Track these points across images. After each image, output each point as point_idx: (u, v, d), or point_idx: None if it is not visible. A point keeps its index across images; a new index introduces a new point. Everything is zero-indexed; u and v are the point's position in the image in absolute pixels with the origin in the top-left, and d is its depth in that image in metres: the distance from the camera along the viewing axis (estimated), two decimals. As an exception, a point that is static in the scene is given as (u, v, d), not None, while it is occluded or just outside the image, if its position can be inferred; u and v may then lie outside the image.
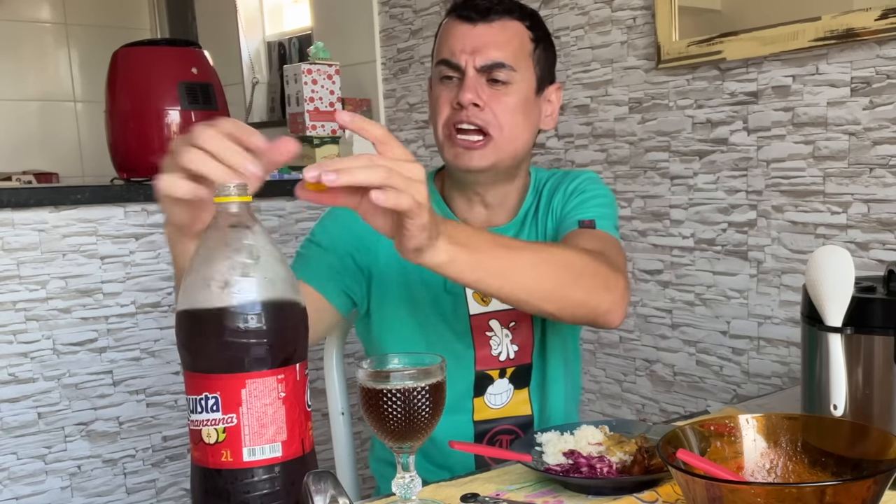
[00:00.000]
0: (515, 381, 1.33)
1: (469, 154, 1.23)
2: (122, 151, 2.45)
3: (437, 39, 1.29)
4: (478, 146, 1.22)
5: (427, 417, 0.88)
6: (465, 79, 1.22)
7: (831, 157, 1.67)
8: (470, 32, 1.23)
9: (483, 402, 1.31)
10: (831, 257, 0.99)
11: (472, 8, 1.23)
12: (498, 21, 1.23)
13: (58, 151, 3.92)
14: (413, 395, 0.87)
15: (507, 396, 1.32)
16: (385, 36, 2.82)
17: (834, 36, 1.60)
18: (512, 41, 1.24)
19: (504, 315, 1.30)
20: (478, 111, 1.21)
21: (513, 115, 1.23)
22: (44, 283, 2.10)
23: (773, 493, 0.73)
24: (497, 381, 1.32)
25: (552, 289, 1.05)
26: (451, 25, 1.25)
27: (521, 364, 1.32)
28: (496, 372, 1.31)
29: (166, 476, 2.32)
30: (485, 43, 1.22)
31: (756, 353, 1.85)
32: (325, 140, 2.75)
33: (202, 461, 0.79)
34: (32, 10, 4.00)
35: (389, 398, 0.87)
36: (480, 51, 1.22)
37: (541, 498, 0.98)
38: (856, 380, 0.99)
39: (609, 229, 1.27)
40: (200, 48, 2.61)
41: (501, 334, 1.31)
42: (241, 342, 0.76)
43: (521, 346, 1.32)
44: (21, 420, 2.09)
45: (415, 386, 0.87)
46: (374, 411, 0.88)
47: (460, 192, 1.32)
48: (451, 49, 1.23)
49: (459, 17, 1.24)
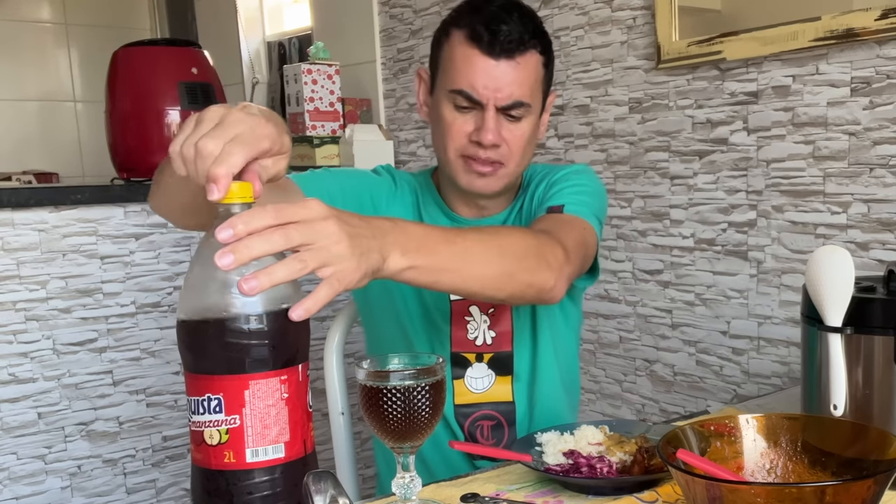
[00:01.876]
0: (496, 368, 1.36)
1: (484, 181, 1.28)
2: (122, 151, 2.45)
3: (450, 62, 1.25)
4: (490, 173, 1.27)
5: (427, 417, 0.89)
6: (486, 118, 1.23)
7: (831, 157, 1.67)
8: (494, 70, 1.21)
9: (464, 385, 1.35)
10: (831, 257, 0.99)
11: (496, 44, 1.21)
12: (520, 56, 1.22)
13: (58, 151, 3.92)
14: (413, 394, 0.87)
15: (488, 381, 1.35)
16: (385, 36, 2.82)
17: (834, 36, 1.60)
18: (530, 77, 1.25)
19: (483, 303, 1.33)
20: (496, 149, 1.25)
21: (525, 144, 1.27)
22: (44, 283, 2.10)
23: (773, 493, 0.73)
24: (475, 365, 1.35)
25: (499, 276, 1.04)
26: (472, 56, 1.22)
27: (500, 351, 1.35)
28: (472, 356, 1.35)
29: (166, 476, 2.32)
30: (508, 82, 1.22)
31: (756, 353, 1.85)
32: (325, 140, 2.75)
33: (204, 462, 0.79)
34: (32, 10, 4.00)
35: (389, 397, 0.87)
36: (502, 90, 1.22)
37: (541, 498, 0.98)
38: (856, 380, 0.99)
39: (582, 214, 1.25)
40: (200, 48, 2.61)
41: (480, 320, 1.35)
42: (245, 343, 0.76)
43: (499, 333, 1.35)
44: (21, 420, 2.10)
45: (415, 385, 0.87)
46: (375, 411, 0.88)
47: (460, 196, 1.36)
48: (472, 83, 1.22)
49: (481, 50, 1.21)
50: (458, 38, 1.24)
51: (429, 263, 0.94)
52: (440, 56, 1.29)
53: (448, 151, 1.27)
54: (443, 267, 0.97)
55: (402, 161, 2.78)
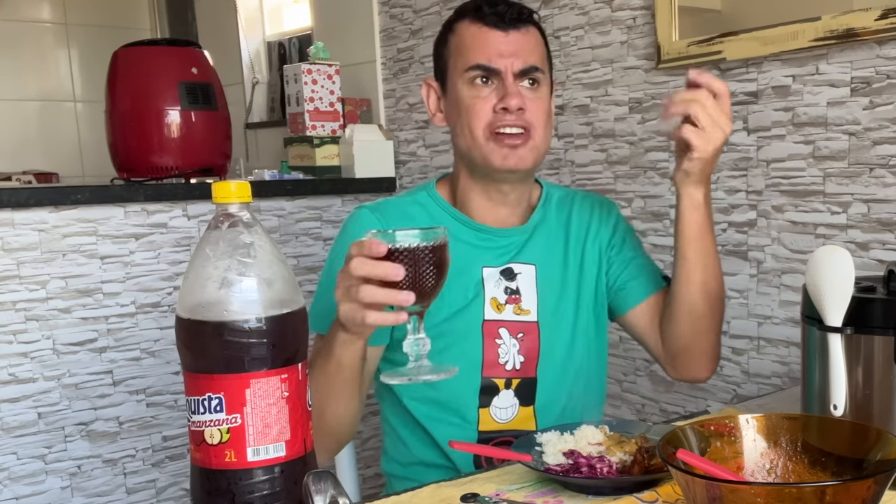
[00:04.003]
0: (521, 396, 1.32)
1: (516, 154, 1.28)
2: (122, 151, 2.45)
3: (459, 46, 1.30)
4: (521, 144, 1.28)
5: (433, 278, 0.94)
6: (507, 84, 1.26)
7: (831, 157, 1.67)
8: (504, 40, 1.27)
9: (489, 415, 1.31)
10: (831, 257, 0.99)
11: (500, 16, 1.27)
12: (524, 28, 1.29)
13: (58, 151, 3.92)
14: (419, 254, 0.93)
15: (512, 412, 1.32)
16: (385, 36, 2.82)
17: (834, 36, 1.60)
18: (538, 46, 1.31)
19: (514, 325, 1.32)
20: (521, 114, 1.27)
21: (545, 115, 1.30)
22: (44, 283, 2.10)
23: (773, 493, 0.73)
24: (503, 393, 1.32)
25: (720, 290, 1.29)
26: (481, 33, 1.28)
27: (525, 377, 1.32)
28: (502, 381, 1.31)
29: (166, 476, 2.32)
30: (521, 48, 1.28)
31: (756, 353, 1.85)
32: (325, 140, 2.75)
33: (204, 462, 0.79)
34: (32, 10, 4.00)
35: (397, 258, 0.92)
36: (518, 55, 1.27)
37: (541, 498, 0.98)
38: (856, 380, 0.99)
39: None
40: (200, 48, 2.61)
41: (510, 343, 1.32)
42: (246, 342, 0.76)
43: (527, 357, 1.32)
44: (21, 420, 2.10)
45: (421, 245, 0.93)
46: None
47: (482, 192, 1.34)
48: (487, 55, 1.27)
49: (488, 24, 1.28)
50: (463, 25, 1.30)
51: (708, 219, 1.24)
52: (447, 51, 1.32)
53: (476, 133, 1.28)
54: (710, 233, 1.24)
55: (402, 161, 2.78)
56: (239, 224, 0.80)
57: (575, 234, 1.38)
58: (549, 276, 1.35)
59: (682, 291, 1.27)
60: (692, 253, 1.24)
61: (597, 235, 1.39)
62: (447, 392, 1.30)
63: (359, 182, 2.65)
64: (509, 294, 1.32)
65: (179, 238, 2.28)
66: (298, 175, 2.64)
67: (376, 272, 0.95)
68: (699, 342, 1.30)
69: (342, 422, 1.19)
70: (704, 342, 1.30)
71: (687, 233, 1.23)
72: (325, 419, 1.16)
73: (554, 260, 1.36)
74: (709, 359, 1.32)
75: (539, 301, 1.33)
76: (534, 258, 1.35)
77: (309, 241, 2.54)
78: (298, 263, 2.52)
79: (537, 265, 1.35)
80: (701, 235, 1.23)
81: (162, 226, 2.24)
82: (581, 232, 1.38)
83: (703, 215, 1.22)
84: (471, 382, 1.30)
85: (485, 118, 1.27)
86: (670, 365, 1.37)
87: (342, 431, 1.21)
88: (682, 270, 1.25)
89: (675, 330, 1.30)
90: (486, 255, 1.33)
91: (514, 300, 1.32)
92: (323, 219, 2.56)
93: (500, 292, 1.32)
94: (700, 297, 1.26)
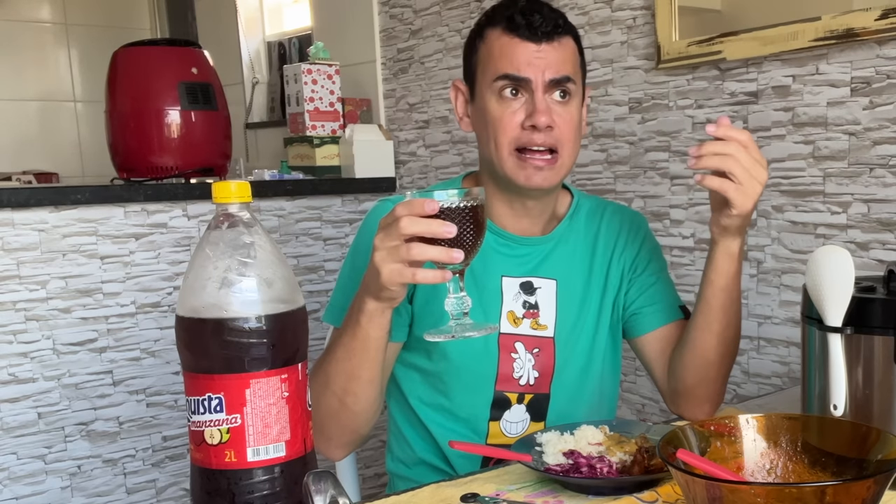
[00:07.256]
0: (533, 412, 1.31)
1: (541, 174, 1.23)
2: (122, 151, 2.45)
3: (488, 55, 1.25)
4: (547, 165, 1.24)
5: (473, 236, 0.98)
6: (536, 100, 1.21)
7: (831, 157, 1.67)
8: (536, 52, 1.22)
9: (499, 428, 1.30)
10: (831, 257, 0.99)
11: (535, 29, 1.22)
12: (558, 40, 1.23)
13: (58, 151, 3.92)
14: (462, 213, 0.97)
15: (523, 427, 1.31)
16: (385, 36, 2.82)
17: (834, 36, 1.60)
18: (571, 57, 1.26)
19: (530, 340, 1.30)
20: (550, 132, 1.22)
21: (574, 131, 1.26)
22: (44, 283, 2.10)
23: (773, 493, 0.73)
24: (514, 407, 1.30)
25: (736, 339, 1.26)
26: (512, 44, 1.22)
27: (539, 393, 1.31)
28: (514, 396, 1.30)
29: (166, 476, 2.32)
30: (552, 61, 1.22)
31: (756, 353, 1.85)
32: (325, 140, 2.75)
33: (204, 462, 0.79)
34: (32, 10, 4.00)
35: (443, 217, 0.96)
36: (549, 67, 1.22)
37: (541, 498, 0.98)
38: (856, 380, 0.99)
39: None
40: (200, 48, 2.61)
41: (525, 358, 1.30)
42: (246, 342, 0.76)
43: (541, 373, 1.31)
44: (21, 420, 2.10)
45: (462, 204, 0.97)
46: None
47: (505, 201, 1.31)
48: (517, 64, 1.22)
49: (521, 36, 1.22)
50: (494, 34, 1.25)
51: (737, 274, 1.19)
52: (477, 59, 1.27)
53: (501, 148, 1.23)
54: (736, 288, 1.20)
55: (402, 161, 2.78)
56: (239, 224, 0.80)
57: (602, 250, 1.35)
58: (570, 291, 1.32)
59: (697, 337, 1.23)
60: (717, 302, 1.20)
61: (622, 253, 1.35)
62: (459, 403, 1.29)
63: (359, 182, 2.65)
64: (527, 308, 1.30)
65: (179, 238, 2.28)
66: (298, 175, 2.64)
67: (431, 229, 0.96)
68: (704, 388, 1.27)
69: (363, 408, 1.16)
70: (710, 388, 1.27)
71: (717, 283, 1.19)
72: (347, 405, 1.14)
73: (577, 275, 1.33)
74: (711, 405, 1.28)
75: (557, 317, 1.31)
76: (555, 273, 1.32)
77: (309, 241, 2.54)
78: (298, 263, 2.52)
79: (558, 280, 1.32)
80: (729, 286, 1.19)
81: (162, 226, 2.24)
82: (608, 248, 1.35)
83: (735, 266, 1.18)
84: (483, 395, 1.29)
85: (511, 134, 1.23)
86: (670, 399, 1.34)
87: (360, 422, 1.18)
88: (703, 317, 1.22)
89: (683, 372, 1.27)
90: (507, 262, 1.30)
91: (532, 314, 1.30)
92: (323, 219, 2.56)
93: (518, 306, 1.30)
94: (715, 344, 1.22)
